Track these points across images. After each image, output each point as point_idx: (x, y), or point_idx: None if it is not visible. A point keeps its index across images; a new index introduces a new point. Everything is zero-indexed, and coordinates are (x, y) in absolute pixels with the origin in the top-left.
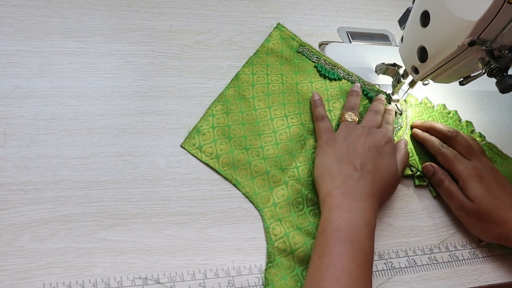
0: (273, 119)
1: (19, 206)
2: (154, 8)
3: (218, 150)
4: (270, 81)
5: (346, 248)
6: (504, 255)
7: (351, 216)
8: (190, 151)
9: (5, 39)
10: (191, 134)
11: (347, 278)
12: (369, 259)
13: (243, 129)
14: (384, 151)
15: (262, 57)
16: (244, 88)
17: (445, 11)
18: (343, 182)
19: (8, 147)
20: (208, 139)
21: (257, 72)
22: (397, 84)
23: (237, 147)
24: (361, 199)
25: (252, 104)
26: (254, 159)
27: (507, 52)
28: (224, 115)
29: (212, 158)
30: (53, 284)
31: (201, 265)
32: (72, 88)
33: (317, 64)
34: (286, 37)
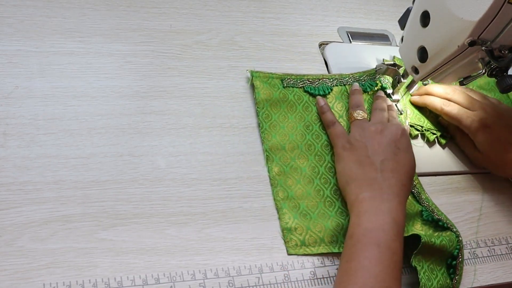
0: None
1: (19, 206)
2: (154, 8)
3: (316, 232)
4: (291, 134)
5: (374, 252)
6: (504, 255)
7: (379, 218)
8: (299, 253)
9: (5, 39)
10: (287, 238)
11: (374, 281)
12: (397, 260)
13: (312, 195)
14: (401, 144)
15: (266, 112)
16: (279, 158)
17: (445, 11)
18: (369, 185)
19: (8, 147)
20: (302, 230)
21: (275, 130)
22: (397, 84)
23: (322, 218)
24: (388, 200)
25: (297, 168)
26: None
27: (507, 52)
28: (289, 200)
29: (319, 245)
30: (53, 284)
31: (201, 265)
32: (72, 88)
33: (306, 87)
34: (266, 80)
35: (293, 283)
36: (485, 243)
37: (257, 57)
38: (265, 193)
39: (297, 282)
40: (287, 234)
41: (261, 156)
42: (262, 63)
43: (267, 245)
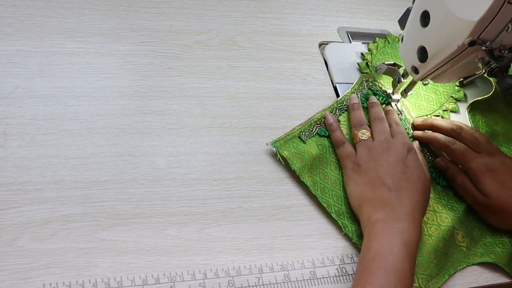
0: None
1: (19, 206)
2: (154, 8)
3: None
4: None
5: (380, 278)
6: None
7: (389, 240)
8: None
9: (5, 39)
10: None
11: None
12: (406, 283)
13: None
14: (409, 161)
15: (311, 179)
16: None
17: (445, 11)
18: (381, 206)
19: (8, 147)
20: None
21: (325, 192)
22: (397, 84)
23: None
24: (400, 219)
25: None
26: None
27: (507, 52)
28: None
29: None
30: (53, 284)
31: (201, 265)
32: (72, 88)
33: (319, 131)
34: (289, 145)
35: (293, 283)
36: None
37: (257, 57)
38: (265, 193)
39: (297, 282)
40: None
41: (260, 156)
42: (262, 63)
43: (267, 245)
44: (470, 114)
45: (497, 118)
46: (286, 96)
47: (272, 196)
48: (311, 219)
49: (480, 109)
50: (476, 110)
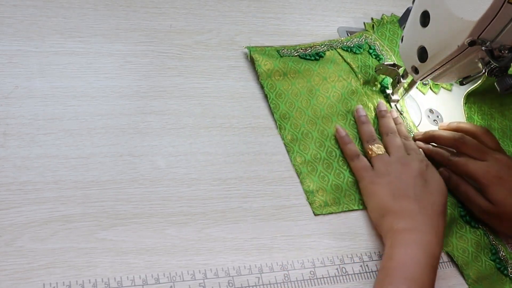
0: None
1: (19, 206)
2: (154, 8)
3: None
4: (296, 101)
5: (402, 286)
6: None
7: (412, 251)
8: (324, 212)
9: (5, 39)
10: (311, 200)
11: None
12: None
13: (325, 157)
14: (428, 175)
15: (270, 83)
16: (290, 125)
17: (445, 11)
18: (406, 216)
19: (8, 147)
20: (323, 192)
21: (281, 98)
22: (397, 84)
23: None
24: (425, 232)
25: (308, 133)
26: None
27: (507, 52)
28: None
29: (339, 204)
30: (53, 284)
31: (201, 265)
32: (72, 88)
33: (300, 55)
34: (263, 52)
35: (293, 283)
36: None
37: None
38: (264, 193)
39: (297, 282)
40: (311, 196)
41: (260, 156)
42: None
43: (267, 245)
44: (466, 106)
45: (494, 113)
46: None
47: (272, 196)
48: (311, 219)
49: (477, 104)
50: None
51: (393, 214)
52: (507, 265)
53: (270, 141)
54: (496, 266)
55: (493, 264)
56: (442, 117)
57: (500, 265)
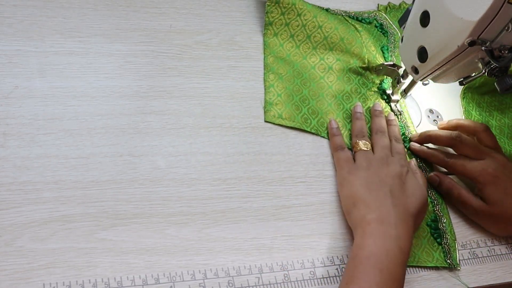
0: (314, 67)
1: (19, 206)
2: (154, 8)
3: (293, 112)
4: (295, 33)
5: (375, 276)
6: (504, 255)
7: (385, 243)
8: (275, 122)
9: (5, 39)
10: (267, 109)
11: None
12: (398, 287)
13: (299, 85)
14: (407, 179)
15: (278, 20)
16: (277, 51)
17: (445, 11)
18: (377, 207)
19: (8, 147)
20: (282, 106)
21: (279, 31)
22: (397, 84)
23: (305, 104)
24: (396, 226)
25: (292, 61)
26: (323, 108)
27: (507, 52)
28: (279, 81)
29: (294, 121)
30: (53, 284)
31: (201, 265)
32: (72, 88)
33: None
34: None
35: (293, 283)
36: (485, 243)
37: (257, 57)
38: (264, 193)
39: (297, 282)
40: (268, 106)
41: (260, 156)
42: (262, 63)
43: (267, 245)
44: (464, 101)
45: (492, 111)
46: None
47: (272, 196)
48: (311, 219)
49: (476, 101)
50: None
51: (366, 205)
52: (442, 235)
53: (270, 141)
54: (430, 232)
55: (428, 229)
56: (442, 117)
57: (435, 232)
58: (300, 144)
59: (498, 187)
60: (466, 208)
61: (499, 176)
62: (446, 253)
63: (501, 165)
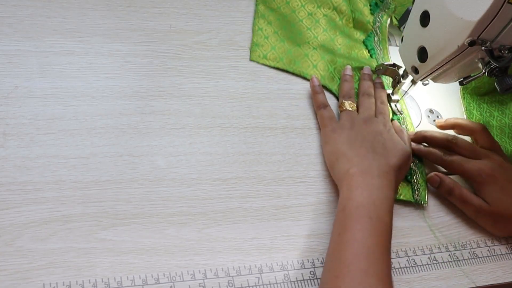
0: (301, 20)
1: (19, 206)
2: (154, 8)
3: (279, 54)
4: None
5: (366, 224)
6: (504, 255)
7: (370, 193)
8: (259, 61)
9: (5, 39)
10: (253, 49)
11: (366, 251)
12: (388, 233)
13: (287, 31)
14: (388, 135)
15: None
16: (269, 1)
17: (445, 11)
18: (359, 161)
19: (8, 147)
20: (268, 48)
21: None
22: (397, 84)
23: (292, 46)
24: (379, 176)
25: (282, 12)
26: (309, 51)
27: (507, 52)
28: (268, 25)
29: (278, 61)
30: (53, 284)
31: (201, 265)
32: (72, 88)
33: None
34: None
35: (293, 283)
36: (485, 243)
37: None
38: (264, 193)
39: (297, 282)
40: (254, 47)
41: (260, 156)
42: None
43: (267, 245)
44: (465, 101)
45: (493, 111)
46: (286, 96)
47: (272, 196)
48: (311, 219)
49: (476, 101)
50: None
51: (348, 159)
52: (413, 174)
53: (270, 141)
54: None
55: None
56: (442, 117)
57: (408, 174)
58: (300, 144)
59: (495, 187)
60: (467, 207)
61: (496, 176)
62: (415, 190)
63: (498, 165)
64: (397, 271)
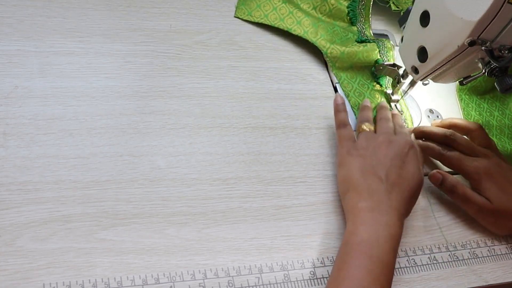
0: None
1: (19, 206)
2: (154, 8)
3: (264, 12)
4: None
5: (366, 262)
6: (504, 255)
7: (376, 230)
8: (243, 18)
9: (5, 39)
10: (239, 6)
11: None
12: (388, 273)
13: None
14: (408, 158)
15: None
16: None
17: (445, 11)
18: (369, 196)
19: (8, 147)
20: (253, 6)
21: None
22: (397, 84)
23: (278, 3)
24: (387, 213)
25: None
26: (293, 9)
27: (507, 52)
28: None
29: (262, 18)
30: (53, 284)
31: (201, 265)
32: (72, 88)
33: None
34: None
35: (293, 283)
36: (485, 243)
37: (257, 57)
38: (264, 193)
39: (297, 282)
40: (241, 4)
41: (260, 156)
42: (262, 63)
43: (267, 245)
44: (463, 102)
45: (494, 111)
46: (286, 96)
47: (272, 196)
48: (311, 219)
49: (476, 101)
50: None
51: (358, 192)
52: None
53: (270, 141)
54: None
55: None
56: (442, 117)
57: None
58: (300, 144)
59: (493, 185)
60: (469, 205)
61: (493, 174)
62: None
63: (495, 163)
64: (397, 271)
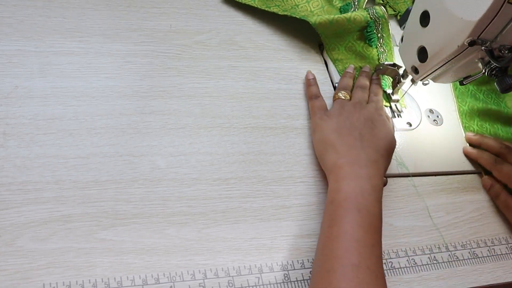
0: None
1: (19, 206)
2: (154, 8)
3: None
4: None
5: (355, 216)
6: (504, 255)
7: (358, 184)
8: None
9: (5, 39)
10: None
11: (357, 245)
12: (377, 224)
13: None
14: (378, 122)
15: None
16: None
17: (445, 11)
18: (347, 152)
19: (8, 147)
20: None
21: None
22: (397, 84)
23: None
24: (366, 166)
25: None
26: None
27: (507, 52)
28: None
29: (252, 1)
30: (53, 284)
31: (201, 265)
32: (72, 88)
33: None
34: None
35: (293, 283)
36: (485, 243)
37: (257, 57)
38: (264, 193)
39: (297, 282)
40: None
41: (260, 156)
42: (262, 63)
43: (267, 245)
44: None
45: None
46: (286, 96)
47: (272, 196)
48: (311, 219)
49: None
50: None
51: (336, 150)
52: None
53: (270, 141)
54: None
55: None
56: (442, 117)
57: None
58: (300, 144)
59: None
60: (509, 213)
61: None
62: None
63: None
64: (397, 271)
